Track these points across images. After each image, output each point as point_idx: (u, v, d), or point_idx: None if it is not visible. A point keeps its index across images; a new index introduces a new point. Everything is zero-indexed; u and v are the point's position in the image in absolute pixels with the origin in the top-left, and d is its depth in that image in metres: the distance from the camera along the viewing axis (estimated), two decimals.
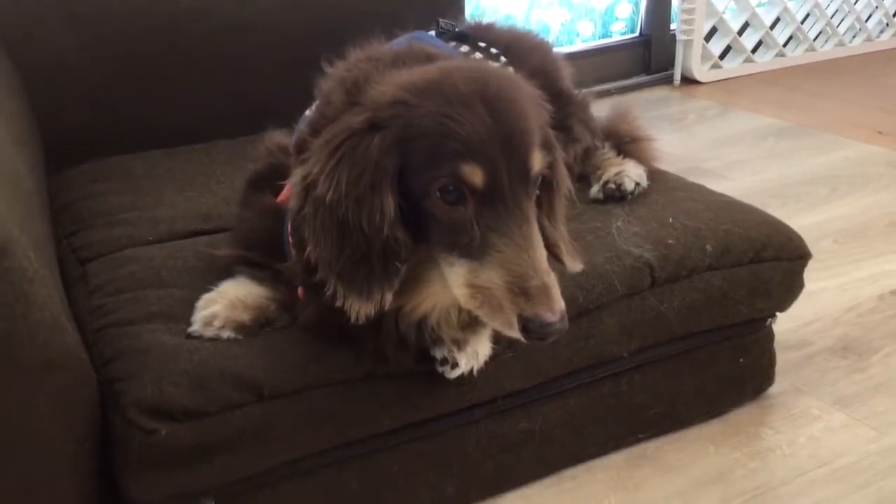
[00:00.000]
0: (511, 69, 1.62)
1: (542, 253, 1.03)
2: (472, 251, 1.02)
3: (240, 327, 1.22)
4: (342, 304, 1.06)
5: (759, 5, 3.52)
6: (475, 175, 1.01)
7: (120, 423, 1.10)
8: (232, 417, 1.12)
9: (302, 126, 1.23)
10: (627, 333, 1.38)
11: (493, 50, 1.65)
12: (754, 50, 3.56)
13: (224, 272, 1.30)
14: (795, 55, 3.65)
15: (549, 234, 1.16)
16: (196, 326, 1.22)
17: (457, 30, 1.68)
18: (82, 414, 1.09)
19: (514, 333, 1.01)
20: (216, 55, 1.89)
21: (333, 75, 1.21)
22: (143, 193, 1.63)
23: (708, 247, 1.43)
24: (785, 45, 3.62)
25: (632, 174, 1.59)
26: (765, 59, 3.58)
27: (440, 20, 1.68)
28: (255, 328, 1.23)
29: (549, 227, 1.16)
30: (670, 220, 1.48)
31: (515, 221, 1.02)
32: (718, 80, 3.47)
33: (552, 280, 1.02)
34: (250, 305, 1.24)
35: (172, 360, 1.14)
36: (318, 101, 1.22)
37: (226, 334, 1.21)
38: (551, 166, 1.14)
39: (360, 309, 1.05)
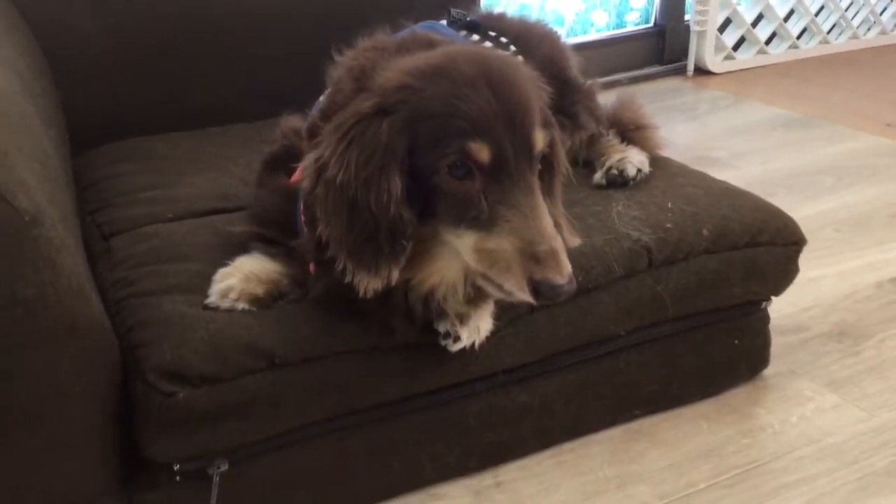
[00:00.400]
0: (520, 58, 1.69)
1: (548, 221, 1.09)
2: (480, 223, 1.08)
3: (254, 300, 1.28)
4: (351, 280, 1.12)
5: None
6: (482, 151, 1.07)
7: (140, 387, 1.16)
8: (245, 383, 1.19)
9: (314, 112, 1.29)
10: (625, 313, 1.43)
11: (503, 39, 1.70)
12: (768, 41, 3.59)
13: (240, 248, 1.36)
14: (809, 47, 3.67)
15: (549, 213, 1.21)
16: (213, 298, 1.28)
17: (468, 19, 1.74)
18: (104, 377, 1.16)
19: (525, 296, 1.07)
20: (235, 42, 1.95)
21: (342, 63, 1.27)
22: (163, 173, 1.69)
23: (705, 231, 1.49)
24: (799, 37, 3.65)
25: (634, 160, 1.65)
26: (778, 51, 3.61)
27: (451, 10, 1.74)
28: (268, 301, 1.29)
29: (549, 204, 1.22)
30: (669, 205, 1.53)
31: (521, 193, 1.08)
32: (732, 72, 3.51)
33: (559, 245, 1.08)
34: (264, 280, 1.30)
35: (190, 328, 1.21)
36: (328, 88, 1.28)
37: (241, 306, 1.27)
38: (551, 147, 1.20)
39: (368, 284, 1.11)
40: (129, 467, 1.24)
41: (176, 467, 1.21)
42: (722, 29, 3.49)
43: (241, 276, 1.29)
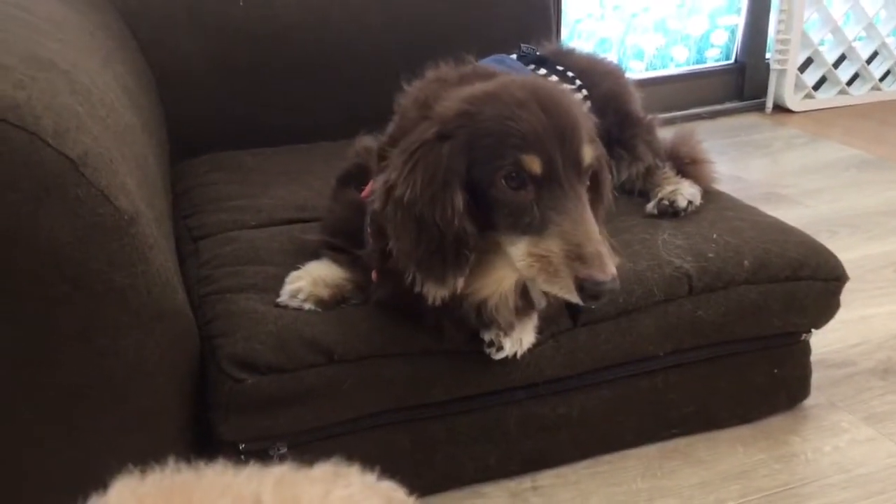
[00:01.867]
0: (584, 91, 1.80)
1: (594, 227, 1.19)
2: (533, 228, 1.19)
3: (320, 301, 1.41)
4: (421, 290, 1.23)
5: (856, 39, 3.56)
6: (533, 163, 1.18)
7: (214, 372, 1.31)
8: (306, 375, 1.32)
9: (384, 136, 1.42)
10: (664, 335, 1.52)
11: (569, 74, 1.82)
12: (850, 82, 3.60)
13: (311, 254, 1.50)
14: (892, 90, 3.66)
15: None
16: (283, 297, 1.41)
17: (537, 54, 1.86)
18: (184, 361, 1.31)
19: (572, 296, 1.17)
20: (323, 65, 2.10)
21: (409, 93, 1.41)
22: (250, 184, 1.84)
23: (746, 262, 1.56)
24: (882, 79, 3.64)
25: (685, 193, 1.73)
26: (860, 92, 3.61)
27: (522, 45, 1.86)
28: (332, 303, 1.42)
29: None
30: (714, 235, 1.61)
31: (570, 201, 1.19)
32: (811, 111, 3.52)
33: (605, 248, 1.18)
34: (330, 284, 1.43)
35: (261, 323, 1.35)
36: (396, 115, 1.41)
37: (307, 306, 1.40)
38: (598, 175, 1.30)
39: (436, 293, 1.23)
40: (200, 444, 1.38)
41: (241, 447, 1.34)
42: (803, 68, 3.52)
43: (309, 280, 1.43)
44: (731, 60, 3.57)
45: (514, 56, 1.83)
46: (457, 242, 1.20)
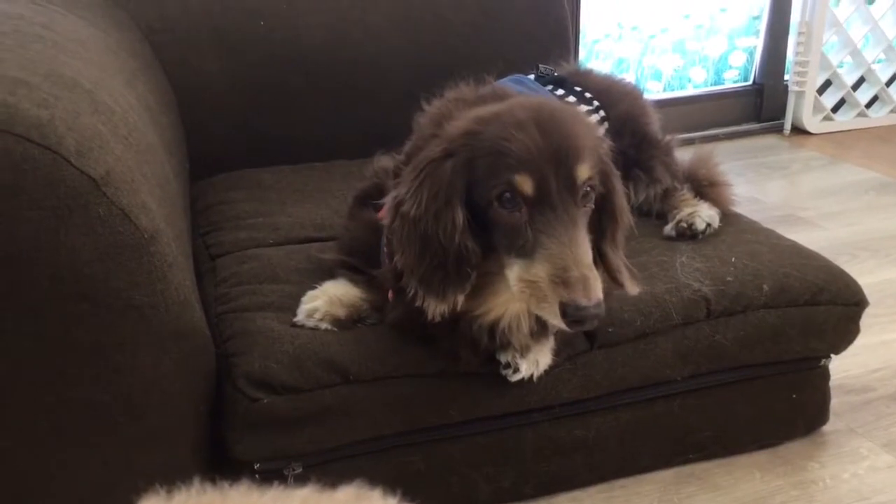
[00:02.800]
0: (602, 112, 1.80)
1: (584, 251, 1.18)
2: (525, 251, 1.19)
3: (336, 321, 1.41)
4: (421, 304, 1.25)
5: (876, 61, 3.55)
6: (525, 184, 1.18)
7: (230, 391, 1.31)
8: (321, 395, 1.32)
9: (400, 157, 1.43)
10: (681, 358, 1.51)
11: (587, 95, 1.82)
12: (869, 105, 3.58)
13: (328, 274, 1.51)
14: None
15: (611, 260, 1.32)
16: (300, 317, 1.42)
17: (555, 75, 1.86)
18: (201, 379, 1.31)
19: (558, 321, 1.17)
20: (341, 85, 2.12)
21: (428, 112, 1.42)
22: (268, 202, 1.85)
23: (765, 286, 1.55)
24: None
25: (704, 215, 1.72)
26: (879, 115, 3.59)
27: (539, 65, 1.87)
28: (348, 323, 1.43)
29: (610, 253, 1.33)
30: (733, 259, 1.61)
31: (562, 224, 1.18)
32: (830, 133, 3.51)
33: (593, 274, 1.17)
34: (346, 303, 1.44)
35: (278, 342, 1.35)
36: (414, 134, 1.42)
37: (324, 326, 1.40)
38: (611, 198, 1.30)
39: (435, 308, 1.24)
40: (214, 463, 1.39)
41: (256, 466, 1.34)
42: (822, 90, 3.51)
43: (326, 299, 1.43)
44: (750, 82, 3.56)
45: (531, 76, 1.84)
46: (458, 260, 1.22)
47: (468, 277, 1.23)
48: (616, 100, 1.82)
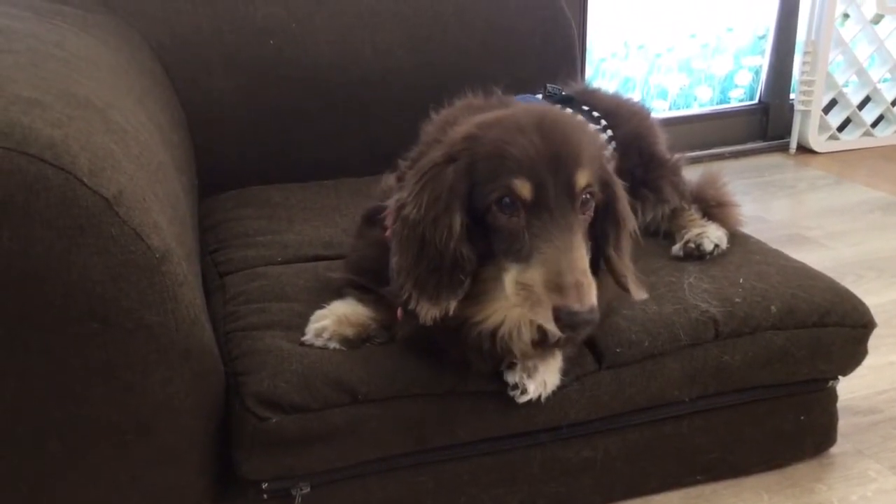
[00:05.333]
0: (609, 132, 1.81)
1: (580, 256, 1.18)
2: (522, 255, 1.19)
3: (344, 340, 1.41)
4: (414, 307, 1.24)
5: (881, 81, 3.55)
6: (524, 188, 1.19)
7: (239, 410, 1.31)
8: (330, 415, 1.32)
9: (405, 164, 1.43)
10: (689, 379, 1.51)
11: (595, 114, 1.82)
12: (874, 124, 3.59)
13: (336, 293, 1.51)
14: None
15: (616, 266, 1.31)
16: (308, 336, 1.42)
17: (563, 94, 1.87)
18: (210, 398, 1.31)
19: (551, 325, 1.17)
20: (350, 104, 2.13)
21: (435, 120, 1.43)
22: (277, 220, 1.86)
23: (773, 308, 1.55)
24: None
25: (712, 236, 1.72)
26: (885, 134, 3.60)
27: (547, 85, 1.87)
28: (357, 342, 1.43)
29: (615, 258, 1.32)
30: (741, 280, 1.61)
31: (559, 229, 1.18)
32: (835, 152, 3.52)
33: (588, 280, 1.16)
34: (354, 322, 1.44)
35: (286, 361, 1.35)
36: (420, 142, 1.43)
37: (332, 345, 1.40)
38: (613, 205, 1.30)
39: (427, 312, 1.24)
40: (222, 482, 1.39)
41: (264, 486, 1.34)
42: (827, 109, 3.52)
43: (334, 318, 1.43)
44: (756, 101, 3.57)
45: (539, 96, 1.84)
46: (454, 265, 1.22)
47: (461, 284, 1.23)
48: (624, 119, 1.82)
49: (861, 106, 3.56)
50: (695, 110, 3.49)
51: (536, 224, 1.19)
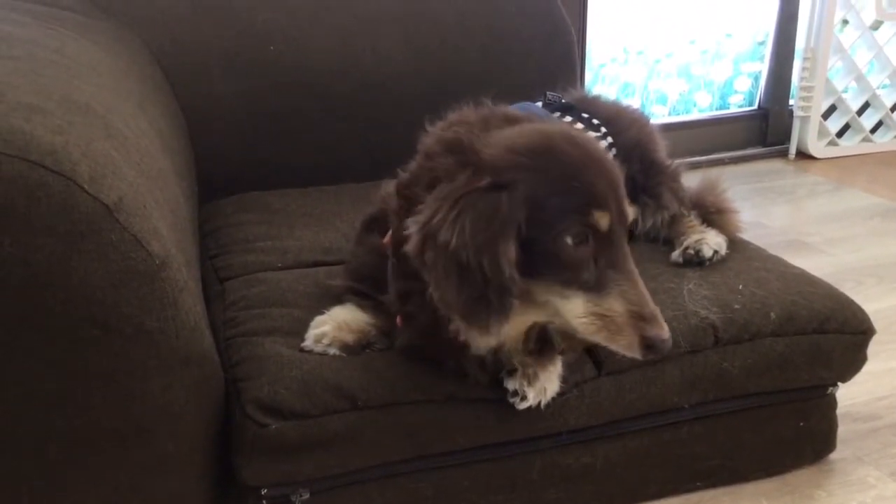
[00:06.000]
0: (610, 139, 1.81)
1: (644, 285, 1.23)
2: (591, 285, 1.21)
3: (344, 346, 1.41)
4: (465, 338, 1.24)
5: (880, 87, 3.56)
6: (603, 220, 1.21)
7: (239, 416, 1.31)
8: (330, 421, 1.32)
9: (404, 175, 1.39)
10: (689, 386, 1.51)
11: (595, 121, 1.83)
12: (874, 130, 3.59)
13: (336, 299, 1.51)
14: None
15: None
16: (308, 342, 1.42)
17: (562, 101, 1.87)
18: (210, 404, 1.31)
19: (634, 353, 1.22)
20: (351, 109, 2.13)
21: (433, 134, 1.40)
22: (277, 225, 1.86)
23: (772, 314, 1.56)
24: None
25: (711, 242, 1.72)
26: (884, 140, 3.61)
27: (547, 92, 1.88)
28: (357, 348, 1.43)
29: None
30: (740, 286, 1.61)
31: (625, 258, 1.23)
32: (834, 158, 3.52)
33: (658, 309, 1.23)
34: (354, 329, 1.44)
35: (286, 367, 1.35)
36: (420, 156, 1.40)
37: (332, 351, 1.41)
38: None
39: (480, 341, 1.25)
40: (222, 488, 1.38)
41: (263, 492, 1.34)
42: (826, 115, 3.52)
43: (334, 325, 1.43)
44: (755, 106, 3.58)
45: (539, 104, 1.84)
46: (502, 290, 1.19)
47: (511, 307, 1.20)
48: (624, 127, 1.83)
49: (860, 112, 3.57)
50: (694, 116, 3.49)
51: (605, 254, 1.22)
